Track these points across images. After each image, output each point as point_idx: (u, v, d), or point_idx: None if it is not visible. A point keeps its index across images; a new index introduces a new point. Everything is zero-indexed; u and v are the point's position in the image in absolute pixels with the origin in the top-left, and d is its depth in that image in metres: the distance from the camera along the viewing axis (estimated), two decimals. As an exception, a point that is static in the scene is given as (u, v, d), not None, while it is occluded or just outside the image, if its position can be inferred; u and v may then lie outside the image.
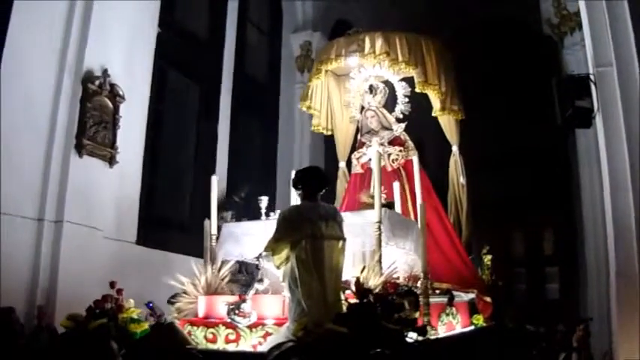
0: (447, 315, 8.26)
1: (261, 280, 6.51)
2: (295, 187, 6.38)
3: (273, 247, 5.94)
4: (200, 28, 12.67)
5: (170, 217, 11.12)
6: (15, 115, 7.78)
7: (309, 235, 5.80)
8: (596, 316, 11.47)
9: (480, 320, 9.20)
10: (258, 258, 6.35)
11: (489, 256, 10.52)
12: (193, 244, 8.54)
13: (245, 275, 8.09)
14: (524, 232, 20.53)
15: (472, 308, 9.40)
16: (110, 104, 8.98)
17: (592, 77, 8.19)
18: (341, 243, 6.00)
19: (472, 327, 9.06)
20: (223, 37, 12.95)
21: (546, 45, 14.55)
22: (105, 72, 8.94)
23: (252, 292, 6.48)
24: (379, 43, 9.69)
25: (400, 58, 9.62)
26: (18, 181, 7.77)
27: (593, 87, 8.16)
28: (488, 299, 9.52)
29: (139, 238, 9.82)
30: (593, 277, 12.96)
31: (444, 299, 8.34)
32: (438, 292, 8.34)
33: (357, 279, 6.03)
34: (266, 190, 9.39)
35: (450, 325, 8.27)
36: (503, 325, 9.82)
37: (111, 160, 8.95)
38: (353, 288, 5.88)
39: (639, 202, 7.46)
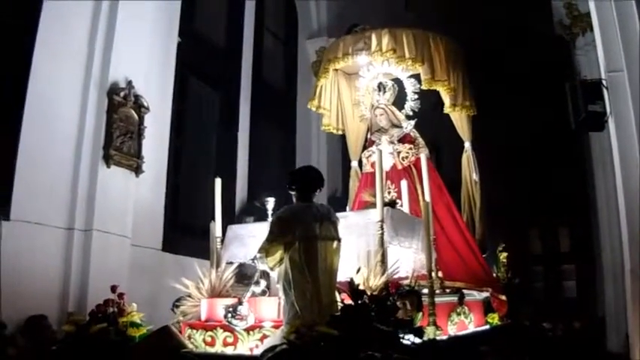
0: (459, 314, 8.17)
1: (257, 282, 6.37)
2: (289, 187, 6.21)
3: (266, 248, 5.82)
4: (219, 36, 12.91)
5: (194, 223, 11.22)
6: (44, 128, 8.00)
7: (303, 236, 5.71)
8: (613, 314, 11.54)
9: (495, 319, 9.09)
10: (253, 260, 6.22)
11: (505, 254, 10.37)
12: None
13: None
14: (540, 230, 20.58)
15: (488, 307, 9.27)
16: (135, 115, 9.17)
17: (604, 82, 8.29)
18: (336, 244, 5.88)
19: (487, 326, 8.95)
20: (241, 44, 13.16)
21: (559, 46, 14.66)
22: (129, 83, 9.11)
23: (248, 294, 6.33)
24: (386, 40, 9.57)
25: (407, 55, 9.47)
26: (49, 192, 7.97)
27: (605, 91, 8.26)
28: (503, 297, 9.39)
29: (164, 245, 9.98)
30: (609, 275, 13.04)
31: (454, 298, 8.26)
32: (448, 291, 8.26)
33: (351, 280, 5.86)
34: (286, 194, 9.48)
35: (461, 324, 8.18)
36: (519, 324, 9.66)
37: (137, 170, 9.15)
38: None
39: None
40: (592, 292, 15.56)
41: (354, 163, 11.04)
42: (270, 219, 7.47)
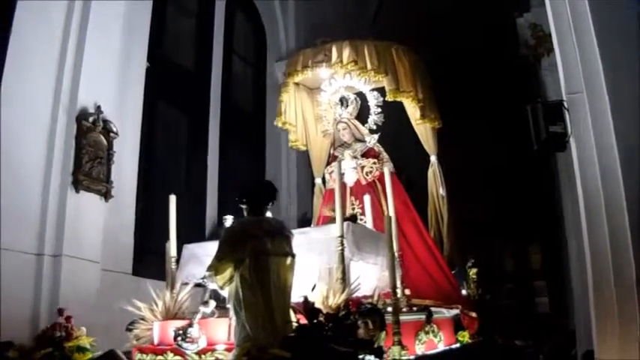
0: (427, 333, 7.91)
1: (206, 303, 6.20)
2: (239, 201, 5.95)
3: (216, 266, 5.52)
4: (188, 60, 12.95)
5: (164, 248, 11.19)
6: (13, 154, 7.97)
7: (253, 252, 5.42)
8: (582, 329, 11.60)
9: (465, 337, 8.93)
10: (202, 279, 6.03)
11: (474, 270, 10.26)
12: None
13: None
14: (512, 248, 20.67)
15: (458, 324, 9.11)
16: (104, 140, 9.17)
17: (564, 103, 8.37)
18: (289, 260, 5.62)
19: (457, 344, 8.76)
20: (210, 68, 13.22)
21: (524, 66, 14.80)
22: (98, 108, 9.12)
23: (199, 315, 6.13)
24: (347, 51, 9.59)
25: (369, 67, 9.50)
26: (17, 218, 7.93)
27: (565, 113, 8.34)
28: (473, 314, 9.29)
29: (134, 269, 9.96)
30: (578, 291, 13.13)
31: (422, 316, 7.97)
32: (416, 309, 7.99)
33: (305, 298, 5.58)
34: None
35: (430, 343, 7.93)
36: (491, 341, 9.58)
37: (106, 195, 9.12)
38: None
39: (613, 222, 7.65)
40: (564, 307, 15.65)
41: (318, 180, 11.01)
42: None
